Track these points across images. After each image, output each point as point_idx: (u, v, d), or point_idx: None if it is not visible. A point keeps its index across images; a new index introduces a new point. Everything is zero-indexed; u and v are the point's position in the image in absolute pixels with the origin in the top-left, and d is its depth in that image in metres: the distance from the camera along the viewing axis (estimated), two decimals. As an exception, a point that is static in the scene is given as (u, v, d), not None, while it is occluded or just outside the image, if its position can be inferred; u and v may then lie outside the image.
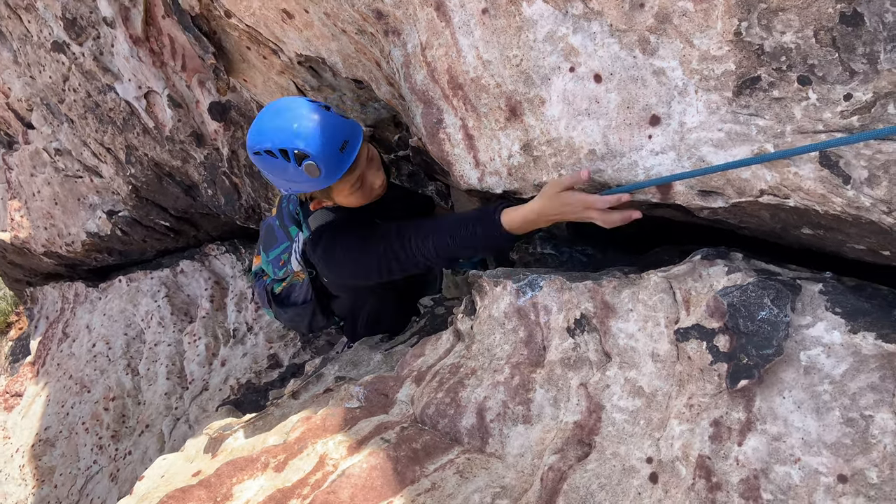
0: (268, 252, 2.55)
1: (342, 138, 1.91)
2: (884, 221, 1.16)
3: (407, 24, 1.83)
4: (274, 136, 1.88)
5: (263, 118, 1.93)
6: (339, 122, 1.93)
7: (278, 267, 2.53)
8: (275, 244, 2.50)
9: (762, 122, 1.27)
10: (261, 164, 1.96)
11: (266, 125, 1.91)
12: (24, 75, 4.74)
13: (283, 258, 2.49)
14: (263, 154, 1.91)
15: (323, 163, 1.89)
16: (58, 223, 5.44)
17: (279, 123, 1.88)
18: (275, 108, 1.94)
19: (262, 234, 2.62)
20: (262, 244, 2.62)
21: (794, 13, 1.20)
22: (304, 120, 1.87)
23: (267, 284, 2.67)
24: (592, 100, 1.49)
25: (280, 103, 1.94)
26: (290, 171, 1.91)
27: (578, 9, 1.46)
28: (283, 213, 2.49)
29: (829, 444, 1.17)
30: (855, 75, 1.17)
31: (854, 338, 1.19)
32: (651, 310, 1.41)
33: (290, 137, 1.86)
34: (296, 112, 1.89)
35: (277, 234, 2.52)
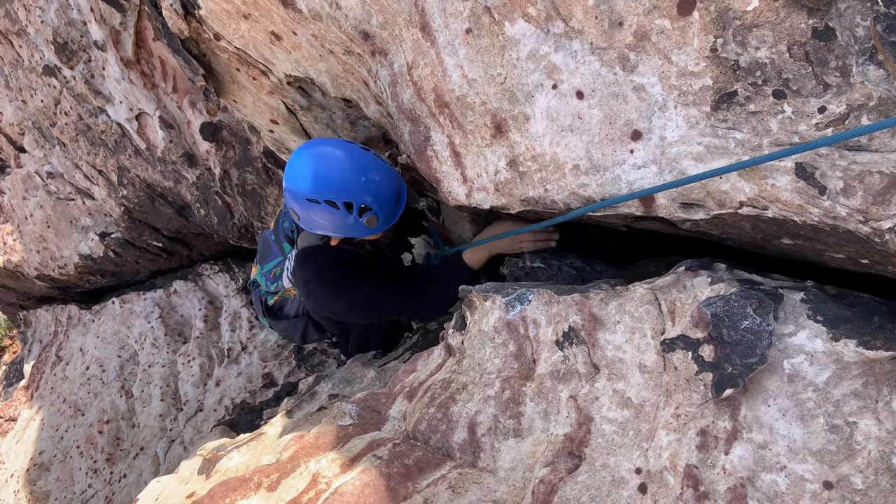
0: (262, 264, 2.58)
1: (396, 189, 1.94)
2: (860, 231, 1.18)
3: (393, 44, 1.85)
4: (340, 188, 1.84)
5: (321, 165, 1.87)
6: (392, 174, 1.95)
7: (270, 280, 2.56)
8: (269, 257, 2.53)
9: (740, 136, 1.29)
10: (310, 209, 1.91)
11: (327, 174, 1.85)
12: (15, 100, 4.76)
13: (275, 272, 2.51)
14: (322, 203, 1.86)
15: (383, 215, 1.90)
16: (50, 246, 5.44)
17: (345, 175, 1.85)
18: (331, 156, 1.89)
19: (260, 246, 2.66)
20: (259, 256, 2.65)
21: (768, 29, 1.23)
22: (370, 174, 1.86)
23: (262, 295, 2.71)
24: (575, 116, 1.52)
25: (335, 150, 1.90)
26: (347, 220, 1.90)
27: (559, 28, 1.49)
28: (279, 229, 2.51)
29: (815, 450, 1.18)
30: (828, 88, 1.19)
31: (836, 345, 1.21)
32: (637, 321, 1.43)
33: (360, 192, 1.85)
34: (359, 163, 1.87)
35: (272, 248, 2.55)
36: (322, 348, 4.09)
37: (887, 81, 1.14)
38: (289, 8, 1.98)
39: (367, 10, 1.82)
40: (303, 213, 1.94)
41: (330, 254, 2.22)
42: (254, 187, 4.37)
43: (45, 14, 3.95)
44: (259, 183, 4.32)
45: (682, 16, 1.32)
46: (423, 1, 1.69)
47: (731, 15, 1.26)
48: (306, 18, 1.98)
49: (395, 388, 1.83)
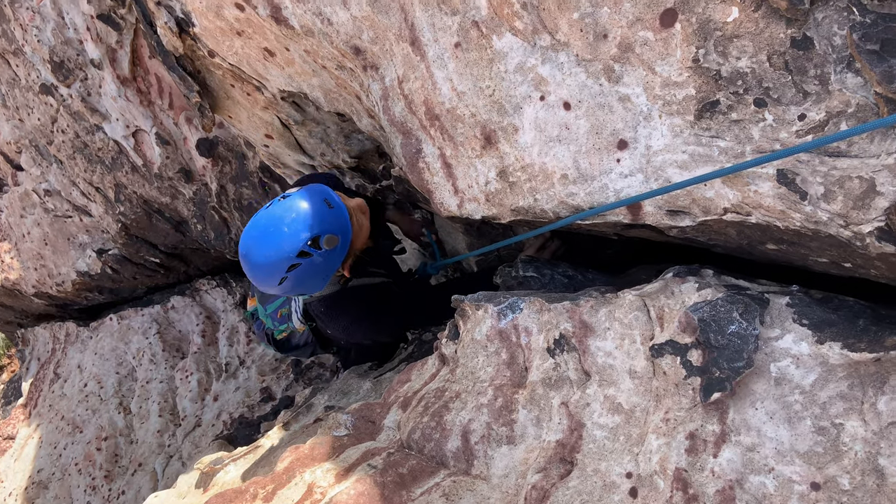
0: (265, 305, 2.56)
1: (319, 199, 1.93)
2: (842, 235, 1.20)
3: (384, 58, 1.89)
4: (281, 254, 1.86)
5: (257, 255, 1.89)
6: (302, 195, 1.94)
7: (278, 320, 2.55)
8: (271, 298, 2.51)
9: (723, 144, 1.32)
10: (292, 283, 1.92)
11: (266, 255, 1.88)
12: (12, 118, 4.79)
13: (281, 312, 2.51)
14: (289, 276, 1.88)
15: (330, 228, 1.89)
16: (48, 263, 5.46)
17: (275, 242, 1.86)
18: (254, 240, 1.92)
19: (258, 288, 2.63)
20: (259, 296, 2.62)
21: (748, 39, 1.26)
22: (284, 219, 1.87)
23: (267, 329, 2.69)
24: (563, 126, 1.54)
25: (251, 234, 1.93)
26: (317, 262, 1.90)
27: (546, 41, 1.52)
28: None
29: (802, 452, 1.20)
30: (808, 96, 1.22)
31: (821, 348, 1.23)
32: (627, 328, 1.45)
33: (294, 239, 1.85)
34: (272, 222, 1.89)
35: None
36: (320, 361, 4.10)
37: (865, 88, 1.16)
38: (281, 25, 2.01)
39: (358, 26, 1.85)
40: (288, 288, 1.95)
41: (354, 295, 2.23)
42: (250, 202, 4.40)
43: (42, 33, 3.99)
44: (255, 197, 4.35)
45: (665, 27, 1.35)
46: (413, 16, 1.72)
47: (712, 26, 1.29)
48: (298, 35, 2.01)
49: (389, 397, 1.84)
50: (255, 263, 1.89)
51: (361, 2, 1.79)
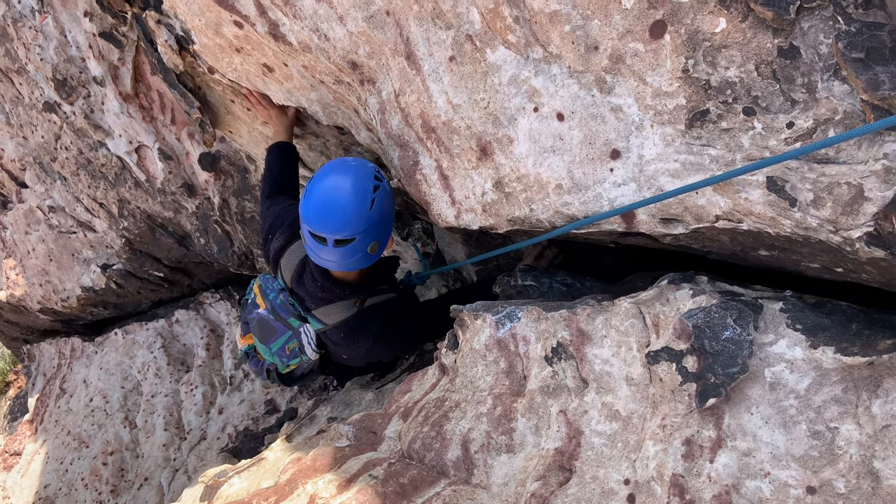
0: (268, 343, 2.40)
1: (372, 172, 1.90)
2: (832, 240, 1.22)
3: (380, 73, 1.91)
4: (361, 172, 1.87)
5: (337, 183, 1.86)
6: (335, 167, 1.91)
7: (286, 356, 2.41)
8: (273, 336, 2.37)
9: (714, 152, 1.34)
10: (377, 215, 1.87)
11: (346, 180, 1.86)
12: (16, 136, 4.84)
13: (289, 347, 2.37)
14: (376, 198, 1.85)
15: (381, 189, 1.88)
16: (53, 279, 5.49)
17: (348, 170, 1.87)
18: (328, 174, 1.90)
19: (255, 325, 2.40)
20: (259, 335, 2.41)
21: (736, 49, 1.28)
22: (346, 160, 1.91)
23: (268, 365, 2.58)
24: (557, 137, 1.56)
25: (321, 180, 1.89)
26: (388, 192, 1.90)
27: (538, 53, 1.54)
28: (276, 307, 2.34)
29: (798, 456, 1.21)
30: (796, 104, 1.24)
31: (815, 353, 1.24)
32: (623, 335, 1.46)
33: (363, 165, 1.89)
34: (334, 165, 1.91)
35: (274, 325, 2.36)
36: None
37: (851, 96, 1.18)
38: (279, 41, 2.04)
39: (355, 41, 1.88)
40: (375, 218, 1.88)
41: (372, 315, 2.20)
42: (253, 215, 4.42)
43: (45, 52, 4.03)
44: (258, 210, 4.37)
45: (654, 39, 1.37)
46: (408, 31, 1.74)
47: (701, 37, 1.31)
48: (296, 50, 2.04)
49: (390, 408, 1.86)
50: (343, 201, 1.83)
51: (357, 18, 1.82)
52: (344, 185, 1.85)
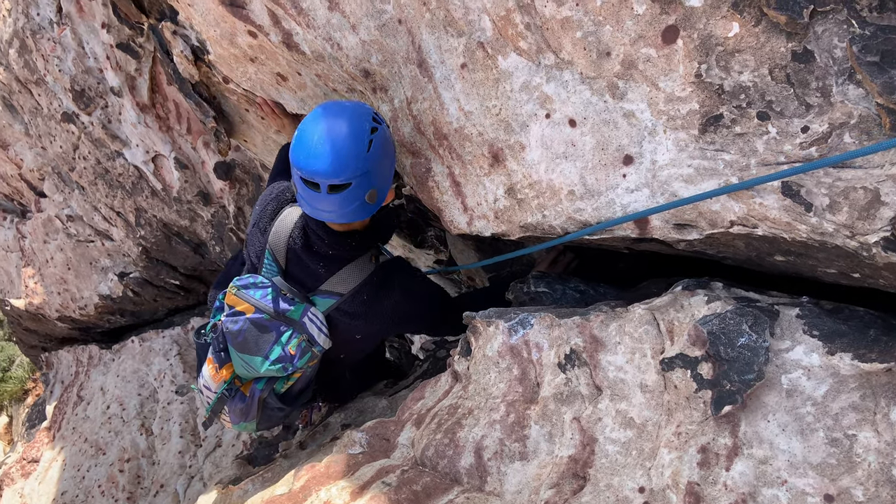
0: (264, 352, 2.00)
1: (370, 114, 1.75)
2: (848, 245, 1.20)
3: (392, 81, 1.92)
4: (357, 112, 1.73)
5: (329, 123, 1.71)
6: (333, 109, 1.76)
7: (293, 359, 2.02)
8: (270, 340, 1.99)
9: (728, 157, 1.33)
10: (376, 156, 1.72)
11: (340, 120, 1.71)
12: (35, 146, 4.91)
13: (291, 348, 2.00)
14: (374, 139, 1.70)
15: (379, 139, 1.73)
16: (71, 287, 5.55)
17: (342, 110, 1.73)
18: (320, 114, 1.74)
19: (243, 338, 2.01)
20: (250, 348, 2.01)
21: (750, 54, 1.28)
22: (340, 102, 1.77)
23: (261, 392, 2.12)
24: (569, 143, 1.56)
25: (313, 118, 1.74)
26: (387, 136, 1.76)
27: (550, 59, 1.54)
28: (269, 304, 2.00)
29: (815, 464, 1.19)
30: (810, 108, 1.23)
31: (832, 359, 1.23)
32: (637, 341, 1.45)
33: (359, 105, 1.76)
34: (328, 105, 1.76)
35: (269, 325, 1.99)
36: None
37: (867, 100, 1.17)
38: (293, 50, 2.05)
39: (367, 50, 1.89)
40: (373, 159, 1.73)
41: (394, 266, 2.05)
42: (267, 223, 4.46)
43: (63, 63, 4.09)
44: (272, 218, 4.40)
45: (667, 44, 1.36)
46: (420, 39, 1.75)
47: (714, 41, 1.31)
48: (309, 59, 2.05)
49: (403, 415, 1.85)
50: (340, 143, 1.68)
51: (370, 26, 1.83)
52: (338, 126, 1.70)
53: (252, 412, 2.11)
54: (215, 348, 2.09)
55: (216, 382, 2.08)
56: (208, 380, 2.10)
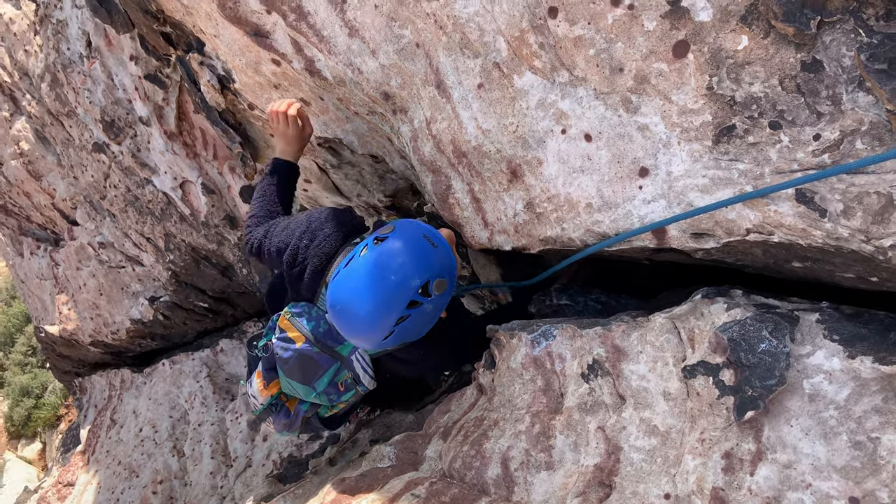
0: (312, 383, 2.05)
1: (420, 237, 1.70)
2: (864, 250, 1.22)
3: (412, 102, 1.97)
4: (390, 306, 1.63)
5: (360, 308, 1.64)
6: (403, 235, 1.70)
7: (339, 392, 2.10)
8: (318, 371, 2.04)
9: (742, 166, 1.35)
10: (400, 336, 1.71)
11: (371, 308, 1.63)
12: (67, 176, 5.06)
13: (340, 382, 2.06)
14: (396, 329, 1.66)
15: (439, 269, 1.68)
16: (103, 313, 5.67)
17: (382, 294, 1.63)
18: (355, 289, 1.66)
19: (294, 364, 2.04)
20: (298, 375, 2.06)
21: (760, 65, 1.31)
22: (390, 265, 1.64)
23: (306, 412, 2.20)
24: (585, 157, 1.60)
25: (350, 282, 1.67)
26: (427, 310, 1.68)
27: (564, 77, 1.58)
28: (320, 337, 2.02)
29: (839, 468, 1.20)
30: (822, 117, 1.25)
31: (853, 363, 1.24)
32: (659, 350, 1.47)
33: (403, 287, 1.63)
34: (376, 271, 1.64)
35: (319, 359, 2.03)
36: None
37: (877, 106, 1.19)
38: (315, 76, 2.12)
39: (387, 73, 1.95)
40: (390, 342, 1.72)
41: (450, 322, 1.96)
42: (293, 245, 4.54)
43: (93, 95, 4.23)
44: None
45: (678, 58, 1.40)
46: (437, 61, 1.81)
47: (724, 54, 1.34)
48: (331, 85, 2.12)
49: (430, 428, 1.88)
50: (358, 319, 1.65)
51: (389, 51, 1.89)
52: (364, 300, 1.63)
53: (295, 426, 2.18)
54: (265, 366, 2.12)
55: (263, 396, 2.12)
56: (256, 392, 2.15)
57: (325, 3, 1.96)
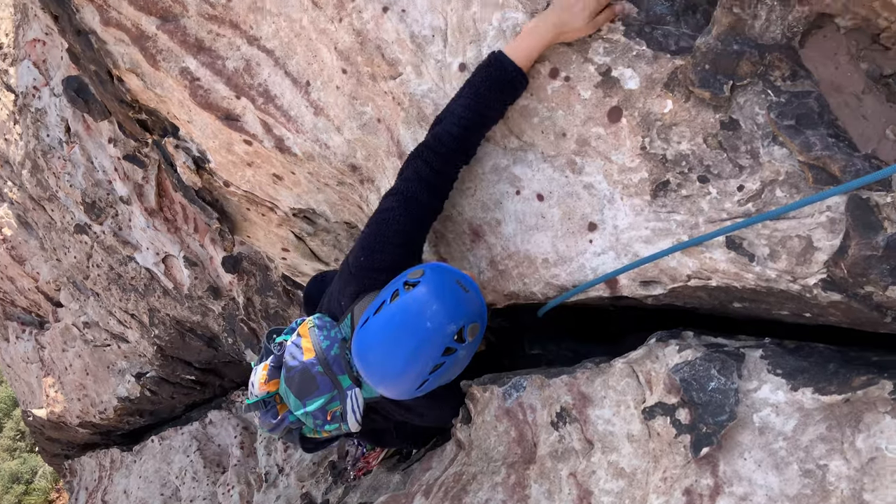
0: (304, 399, 1.98)
1: (453, 283, 1.64)
2: (792, 289, 1.32)
3: (378, 172, 2.09)
4: (426, 355, 1.58)
5: (395, 357, 1.60)
6: (436, 279, 1.63)
7: (326, 420, 2.01)
8: (314, 392, 1.96)
9: (679, 217, 1.46)
10: (435, 383, 1.67)
11: (407, 357, 1.59)
12: (50, 259, 5.12)
13: (330, 410, 1.98)
14: (431, 377, 1.63)
15: (472, 315, 1.62)
16: (90, 393, 5.65)
17: (416, 343, 1.58)
18: (387, 340, 1.62)
19: (295, 375, 1.97)
20: (294, 387, 1.99)
21: (685, 126, 1.43)
22: (424, 312, 1.57)
23: (290, 423, 2.12)
24: (539, 216, 1.70)
25: (381, 332, 1.63)
26: (461, 356, 1.64)
27: (515, 143, 1.70)
28: (329, 359, 1.94)
29: (792, 496, 1.27)
30: (743, 169, 1.37)
31: (796, 395, 1.32)
32: (621, 394, 1.55)
33: (439, 335, 1.57)
34: (409, 318, 1.59)
35: (319, 380, 1.95)
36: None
37: (791, 158, 1.31)
38: (285, 153, 2.24)
39: (353, 147, 2.07)
40: (430, 389, 1.68)
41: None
42: (276, 310, 4.58)
43: (74, 178, 4.34)
44: (281, 305, 4.54)
45: (613, 122, 1.53)
46: (398, 134, 1.93)
47: (653, 117, 1.47)
48: (301, 160, 2.23)
49: (413, 487, 1.93)
50: (393, 368, 1.61)
51: (353, 126, 2.01)
52: (399, 348, 1.59)
53: (278, 431, 2.11)
54: (273, 362, 2.07)
55: (260, 389, 2.08)
56: (256, 382, 2.10)
57: (291, 86, 2.09)
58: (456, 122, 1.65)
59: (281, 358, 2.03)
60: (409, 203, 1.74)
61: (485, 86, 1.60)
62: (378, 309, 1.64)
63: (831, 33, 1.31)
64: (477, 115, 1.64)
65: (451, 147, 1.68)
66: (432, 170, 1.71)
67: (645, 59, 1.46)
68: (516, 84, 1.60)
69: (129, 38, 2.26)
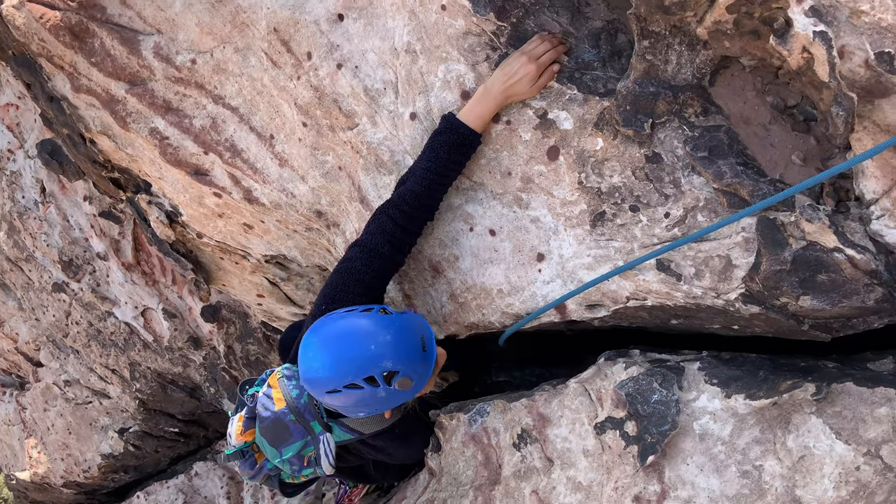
0: (279, 447, 2.05)
1: (418, 335, 1.74)
2: (717, 304, 1.44)
3: (342, 216, 2.20)
4: (352, 367, 1.66)
5: (329, 351, 1.69)
6: (406, 322, 1.74)
7: (302, 465, 2.09)
8: (288, 440, 2.04)
9: (616, 244, 1.59)
10: (340, 400, 1.74)
11: (337, 357, 1.68)
12: (29, 319, 5.14)
13: (305, 456, 2.06)
14: (343, 390, 1.68)
15: (413, 371, 1.70)
16: (73, 452, 5.62)
17: (353, 353, 1.67)
18: (336, 335, 1.72)
19: (268, 425, 2.04)
20: (269, 436, 2.07)
21: (615, 161, 1.57)
22: (377, 336, 1.66)
23: (269, 470, 2.21)
24: (492, 250, 1.82)
25: (336, 327, 1.73)
26: (379, 394, 1.70)
27: (466, 184, 1.83)
28: (300, 408, 2.02)
29: (731, 496, 1.37)
30: (668, 198, 1.51)
31: (730, 402, 1.44)
32: (575, 412, 1.65)
33: (374, 361, 1.65)
34: (363, 332, 1.69)
35: (293, 428, 2.03)
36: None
37: (708, 186, 1.45)
38: (253, 203, 2.35)
39: (317, 194, 2.18)
40: (341, 407, 1.80)
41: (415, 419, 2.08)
42: (257, 356, 4.64)
43: (50, 237, 4.41)
44: (261, 352, 4.59)
45: (552, 160, 1.66)
46: (358, 180, 2.05)
47: (587, 154, 1.60)
48: (269, 209, 2.34)
49: (388, 517, 2.00)
50: (319, 364, 1.70)
51: (316, 175, 2.13)
52: (338, 346, 1.69)
53: (257, 479, 2.21)
54: (247, 413, 2.14)
55: (237, 440, 2.15)
56: (232, 433, 2.16)
57: (256, 140, 2.21)
58: (419, 181, 1.78)
59: (254, 409, 2.09)
60: (371, 255, 1.86)
61: (444, 149, 1.75)
62: (350, 311, 1.74)
63: (738, 72, 1.46)
64: (437, 176, 1.78)
65: (415, 205, 1.81)
66: (397, 225, 1.82)
67: (577, 102, 1.60)
68: (472, 144, 1.75)
69: (99, 102, 2.37)
